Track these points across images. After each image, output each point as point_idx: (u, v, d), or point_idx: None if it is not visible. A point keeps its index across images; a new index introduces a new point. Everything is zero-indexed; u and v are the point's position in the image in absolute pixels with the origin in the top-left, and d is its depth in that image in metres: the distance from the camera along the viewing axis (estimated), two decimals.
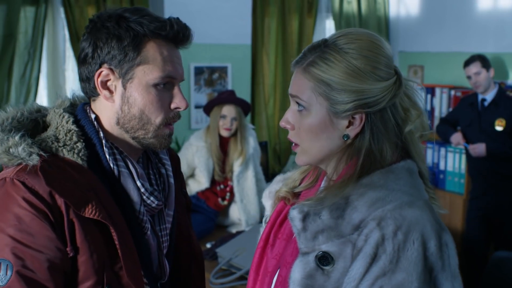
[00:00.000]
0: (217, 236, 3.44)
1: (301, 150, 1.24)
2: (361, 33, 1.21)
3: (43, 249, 1.16)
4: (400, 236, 1.08)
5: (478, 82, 4.10)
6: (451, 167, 4.54)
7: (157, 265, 1.38)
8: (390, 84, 1.18)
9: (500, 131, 4.03)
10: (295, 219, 1.18)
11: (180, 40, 1.32)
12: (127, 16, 1.27)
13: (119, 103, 1.29)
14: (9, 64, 3.89)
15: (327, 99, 1.17)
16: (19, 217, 1.16)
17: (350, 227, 1.13)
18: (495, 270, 3.10)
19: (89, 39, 1.28)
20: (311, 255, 1.15)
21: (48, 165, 1.20)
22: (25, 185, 1.17)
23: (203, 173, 3.61)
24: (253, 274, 1.33)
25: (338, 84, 1.16)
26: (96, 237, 1.21)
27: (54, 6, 4.10)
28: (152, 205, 1.34)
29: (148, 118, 1.29)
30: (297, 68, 1.23)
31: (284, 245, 1.28)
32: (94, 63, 1.28)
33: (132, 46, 1.26)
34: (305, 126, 1.20)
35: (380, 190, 1.15)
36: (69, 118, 1.29)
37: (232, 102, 3.59)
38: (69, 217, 1.18)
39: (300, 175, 1.36)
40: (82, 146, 1.26)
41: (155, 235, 1.37)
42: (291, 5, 5.09)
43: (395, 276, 1.07)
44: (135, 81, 1.27)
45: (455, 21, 5.01)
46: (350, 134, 1.19)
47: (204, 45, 4.58)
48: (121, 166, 1.31)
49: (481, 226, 4.22)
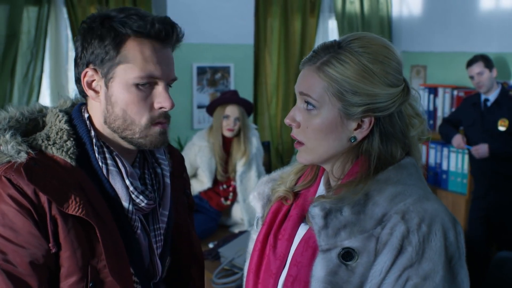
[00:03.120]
0: (220, 236, 3.44)
1: (305, 149, 1.23)
2: (374, 38, 1.22)
3: (25, 245, 1.19)
4: (424, 228, 1.12)
5: (481, 82, 4.09)
6: (453, 167, 4.53)
7: (148, 263, 1.38)
8: (400, 91, 1.20)
9: (503, 131, 4.02)
10: (316, 216, 1.18)
11: (163, 38, 1.29)
12: (112, 16, 1.26)
13: (104, 102, 1.30)
14: (12, 64, 3.90)
15: (341, 100, 1.18)
16: (3, 213, 1.19)
17: (373, 222, 1.15)
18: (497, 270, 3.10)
19: (78, 40, 1.30)
20: (333, 252, 1.16)
21: (34, 163, 1.22)
22: (11, 182, 1.20)
23: (205, 173, 3.61)
24: (252, 277, 1.32)
25: (353, 86, 1.17)
26: (79, 234, 1.22)
27: (56, 6, 4.11)
28: (140, 204, 1.33)
29: (132, 119, 1.29)
30: (308, 66, 1.22)
31: (286, 245, 1.28)
32: (82, 64, 1.29)
33: (112, 45, 1.25)
34: (314, 125, 1.20)
35: (398, 185, 1.18)
36: (62, 118, 1.31)
37: (235, 102, 3.58)
38: (52, 213, 1.20)
39: (295, 175, 1.36)
40: (71, 144, 1.27)
41: (146, 234, 1.36)
42: (293, 5, 5.09)
43: (422, 266, 1.11)
44: (116, 80, 1.27)
45: (458, 21, 5.00)
46: (357, 137, 1.20)
47: (207, 45, 4.59)
48: (110, 165, 1.31)
49: (483, 226, 4.21)
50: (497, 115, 4.05)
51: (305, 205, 1.30)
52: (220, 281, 2.67)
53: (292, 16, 5.11)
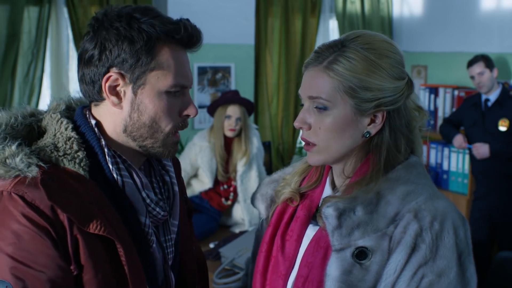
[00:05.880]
0: (220, 236, 3.44)
1: (317, 150, 1.23)
2: (375, 34, 1.23)
3: (44, 269, 1.07)
4: (436, 226, 1.14)
5: (482, 83, 4.09)
6: (454, 167, 4.53)
7: (162, 278, 1.31)
8: (405, 83, 1.22)
9: (504, 131, 4.02)
10: (330, 216, 1.18)
11: (193, 44, 1.25)
12: (138, 17, 1.17)
13: (128, 110, 1.20)
14: (13, 64, 3.90)
15: (353, 97, 1.18)
16: (18, 235, 1.07)
17: (386, 221, 1.17)
18: (499, 270, 3.10)
19: (95, 39, 1.18)
20: (347, 251, 1.16)
21: (48, 177, 1.11)
22: (24, 199, 1.08)
23: (206, 173, 3.61)
24: (260, 279, 1.31)
25: (364, 82, 1.17)
26: (101, 254, 1.13)
27: (57, 6, 4.11)
28: (158, 216, 1.26)
29: (158, 126, 1.22)
30: (314, 67, 1.21)
31: (295, 246, 1.28)
32: (102, 66, 1.18)
33: (145, 50, 1.17)
34: (327, 125, 1.20)
35: (408, 184, 1.20)
36: (67, 124, 1.19)
37: (237, 102, 3.58)
38: (73, 233, 1.10)
39: (299, 176, 1.36)
40: (83, 155, 1.16)
41: (160, 247, 1.29)
42: (294, 5, 5.09)
43: (436, 263, 1.13)
44: (147, 87, 1.19)
45: (458, 21, 5.00)
46: (371, 131, 1.21)
47: (208, 45, 4.55)
48: (125, 176, 1.22)
49: (484, 226, 4.21)
50: (498, 115, 4.05)
51: (312, 205, 1.30)
52: (221, 281, 2.67)
53: (293, 16, 5.11)
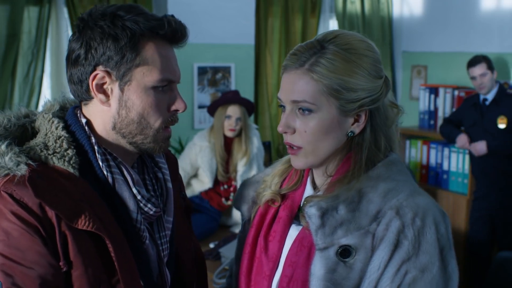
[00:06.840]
0: (220, 236, 3.44)
1: (304, 153, 1.22)
2: (351, 34, 1.23)
3: (33, 265, 1.09)
4: (418, 222, 1.15)
5: (483, 84, 4.07)
6: (454, 167, 4.52)
7: (157, 274, 1.31)
8: (383, 81, 1.23)
9: (503, 128, 4.01)
10: (313, 216, 1.19)
11: (177, 39, 1.25)
12: (122, 15, 1.19)
13: (116, 107, 1.22)
14: (13, 64, 3.91)
15: (338, 98, 1.18)
16: (7, 232, 1.10)
17: (368, 218, 1.17)
18: (499, 270, 3.10)
19: (81, 39, 1.20)
20: (331, 250, 1.17)
21: (37, 175, 1.13)
22: (12, 197, 1.10)
23: (206, 173, 3.61)
24: (244, 280, 1.32)
25: (348, 83, 1.17)
26: (90, 250, 1.14)
27: (57, 6, 4.11)
28: (149, 213, 1.27)
29: (147, 122, 1.23)
30: (294, 70, 1.20)
31: (278, 246, 1.28)
32: (88, 64, 1.20)
33: (129, 46, 1.18)
34: (313, 127, 1.19)
35: (389, 181, 1.20)
36: (58, 124, 1.22)
37: (237, 102, 3.58)
38: (61, 229, 1.12)
39: (279, 178, 1.36)
40: (73, 153, 1.19)
41: (154, 244, 1.30)
42: (294, 5, 5.09)
43: (419, 259, 1.13)
44: (133, 83, 1.20)
45: (458, 21, 5.00)
46: (355, 131, 1.22)
47: (208, 45, 4.58)
48: (115, 173, 1.23)
49: (485, 226, 4.20)
50: (496, 113, 4.05)
51: (293, 206, 1.31)
52: (221, 281, 2.67)
53: (293, 16, 5.12)
